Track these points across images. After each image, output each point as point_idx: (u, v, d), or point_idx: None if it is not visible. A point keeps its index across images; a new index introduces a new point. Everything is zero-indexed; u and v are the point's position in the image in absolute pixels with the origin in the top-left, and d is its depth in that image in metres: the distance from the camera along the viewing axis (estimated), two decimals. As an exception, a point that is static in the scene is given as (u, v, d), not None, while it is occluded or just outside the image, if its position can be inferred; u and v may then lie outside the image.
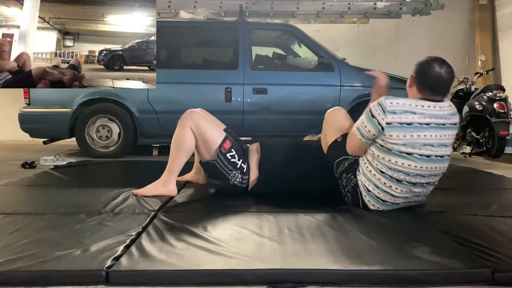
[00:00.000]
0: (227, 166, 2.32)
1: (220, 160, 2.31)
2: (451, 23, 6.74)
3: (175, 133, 2.35)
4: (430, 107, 1.94)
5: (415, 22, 6.25)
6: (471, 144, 4.88)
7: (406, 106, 1.92)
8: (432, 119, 1.93)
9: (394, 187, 2.00)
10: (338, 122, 2.32)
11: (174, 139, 2.35)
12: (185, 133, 2.29)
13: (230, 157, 2.32)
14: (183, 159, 2.34)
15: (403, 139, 1.91)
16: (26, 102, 4.40)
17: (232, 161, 2.33)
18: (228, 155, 2.32)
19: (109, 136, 4.47)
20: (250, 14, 5.26)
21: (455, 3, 6.50)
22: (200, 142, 2.32)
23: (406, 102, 1.94)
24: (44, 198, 2.35)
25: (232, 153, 2.34)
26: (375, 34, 6.70)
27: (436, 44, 6.76)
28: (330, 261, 1.45)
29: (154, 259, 1.44)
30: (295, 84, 4.53)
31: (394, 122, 1.90)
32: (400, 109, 1.91)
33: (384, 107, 1.91)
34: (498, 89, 4.71)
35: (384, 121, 1.91)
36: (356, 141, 2.06)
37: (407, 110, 1.91)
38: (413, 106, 1.93)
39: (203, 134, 2.30)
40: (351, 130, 2.10)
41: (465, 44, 6.85)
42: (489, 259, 1.45)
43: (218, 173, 2.34)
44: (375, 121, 1.93)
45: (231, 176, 2.34)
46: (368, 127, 1.97)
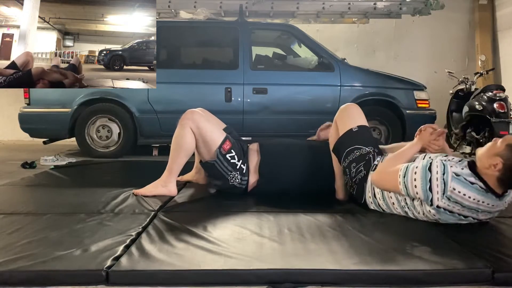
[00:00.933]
0: (226, 167, 2.32)
1: (220, 161, 2.31)
2: (451, 23, 6.73)
3: (175, 133, 2.35)
4: (494, 206, 1.73)
5: (415, 22, 6.25)
6: (471, 144, 4.88)
7: (470, 201, 1.70)
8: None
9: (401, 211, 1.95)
10: (355, 117, 2.22)
11: (174, 139, 2.34)
12: (185, 133, 2.29)
13: (229, 158, 2.32)
14: (183, 159, 2.34)
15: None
16: (26, 102, 4.40)
17: (231, 162, 2.33)
18: (227, 156, 2.32)
19: (109, 136, 4.47)
20: (250, 14, 5.26)
21: (455, 3, 6.50)
22: (200, 142, 2.32)
23: (477, 197, 1.69)
24: (44, 198, 2.35)
25: (231, 154, 2.34)
26: (375, 34, 6.70)
27: (436, 44, 6.76)
28: (330, 261, 1.44)
29: (154, 259, 1.44)
30: (295, 84, 4.54)
31: (444, 207, 1.73)
32: (460, 201, 1.70)
33: (447, 187, 1.68)
34: (498, 89, 4.71)
35: (435, 202, 1.73)
36: (392, 180, 1.86)
37: (470, 206, 1.71)
38: (480, 203, 1.71)
39: (203, 134, 2.30)
40: (394, 165, 1.88)
41: (465, 44, 6.85)
42: (489, 259, 1.45)
43: (217, 173, 2.34)
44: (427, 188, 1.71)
45: (231, 177, 2.34)
46: (417, 187, 1.75)
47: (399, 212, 1.96)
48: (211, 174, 2.41)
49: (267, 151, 2.46)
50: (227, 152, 2.32)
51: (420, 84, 4.78)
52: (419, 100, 4.63)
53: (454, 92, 5.45)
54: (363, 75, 4.68)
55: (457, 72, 5.70)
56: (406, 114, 4.57)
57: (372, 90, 4.57)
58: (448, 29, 6.75)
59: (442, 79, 6.26)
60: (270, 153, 2.45)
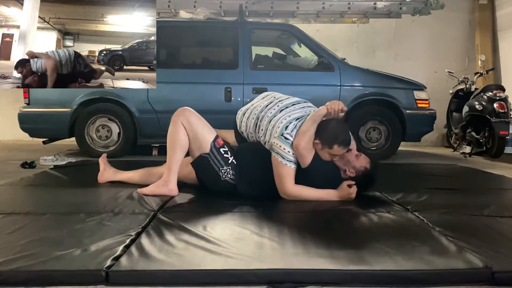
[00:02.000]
0: (219, 161, 2.36)
1: (213, 154, 2.36)
2: (451, 23, 6.73)
3: (168, 131, 2.39)
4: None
5: (415, 22, 6.24)
6: (471, 144, 4.88)
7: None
8: None
9: None
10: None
11: (168, 136, 2.39)
12: (177, 129, 2.34)
13: (223, 152, 2.38)
14: (180, 155, 2.37)
15: None
16: (25, 101, 4.39)
17: (225, 156, 2.38)
18: (221, 149, 2.38)
19: (109, 136, 4.46)
20: (250, 14, 5.25)
21: (455, 3, 6.50)
22: (191, 138, 2.36)
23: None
24: (44, 198, 2.35)
25: (225, 149, 2.40)
26: (375, 34, 6.69)
27: (436, 44, 6.76)
28: (330, 261, 1.44)
29: (154, 259, 1.44)
30: (295, 84, 4.53)
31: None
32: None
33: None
34: (498, 89, 4.71)
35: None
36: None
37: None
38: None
39: (195, 130, 2.35)
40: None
41: (465, 44, 6.85)
42: (489, 259, 1.45)
43: (209, 169, 2.37)
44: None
45: (222, 172, 2.37)
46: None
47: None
48: (202, 170, 2.43)
49: (241, 154, 2.47)
50: (221, 147, 2.39)
51: (420, 84, 4.77)
52: (419, 100, 4.63)
53: (454, 92, 5.45)
54: (363, 75, 4.68)
55: (457, 72, 5.70)
56: (406, 114, 4.56)
57: (372, 90, 4.57)
58: (448, 29, 6.75)
59: (442, 79, 6.27)
60: (244, 156, 2.46)
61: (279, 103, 2.45)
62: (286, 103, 2.45)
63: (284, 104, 2.44)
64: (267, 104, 2.48)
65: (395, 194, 2.47)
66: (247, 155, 2.46)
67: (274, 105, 2.45)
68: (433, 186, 2.77)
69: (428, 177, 3.29)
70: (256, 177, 2.39)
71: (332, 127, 2.28)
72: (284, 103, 2.45)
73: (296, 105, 2.44)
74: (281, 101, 2.47)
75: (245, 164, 2.41)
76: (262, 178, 2.36)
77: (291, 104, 2.44)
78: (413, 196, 2.42)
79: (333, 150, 2.27)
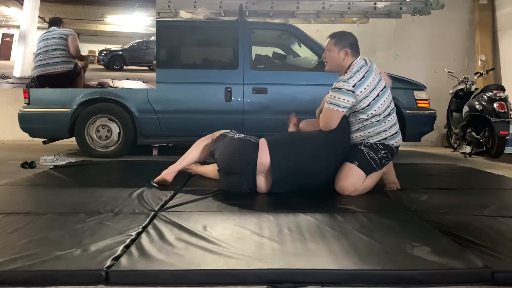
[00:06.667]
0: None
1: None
2: (451, 23, 6.73)
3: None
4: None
5: (415, 22, 6.24)
6: (471, 144, 4.88)
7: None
8: None
9: None
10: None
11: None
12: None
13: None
14: (190, 162, 2.83)
15: None
16: (25, 101, 4.39)
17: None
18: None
19: (109, 136, 4.46)
20: (250, 14, 5.25)
21: (455, 3, 6.50)
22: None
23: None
24: (44, 198, 2.35)
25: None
26: (375, 34, 6.69)
27: (436, 44, 6.76)
28: (330, 261, 1.44)
29: (154, 259, 1.44)
30: (295, 84, 4.53)
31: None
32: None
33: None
34: (498, 89, 4.71)
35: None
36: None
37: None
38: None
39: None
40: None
41: (465, 44, 6.84)
42: (489, 259, 1.45)
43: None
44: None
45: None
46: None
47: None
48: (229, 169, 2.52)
49: (275, 146, 2.48)
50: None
51: (420, 84, 4.77)
52: (419, 100, 4.63)
53: (454, 92, 5.45)
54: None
55: (457, 72, 5.69)
56: (406, 114, 4.56)
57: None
58: (448, 29, 6.74)
59: (442, 79, 6.26)
60: (279, 148, 2.48)
61: None
62: None
63: None
64: None
65: (395, 193, 2.47)
66: (280, 150, 2.47)
67: None
68: (433, 186, 2.77)
69: (428, 177, 3.29)
70: (292, 170, 2.41)
71: None
72: None
73: None
74: None
75: (279, 158, 2.41)
76: (296, 171, 2.40)
77: None
78: (413, 196, 2.42)
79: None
